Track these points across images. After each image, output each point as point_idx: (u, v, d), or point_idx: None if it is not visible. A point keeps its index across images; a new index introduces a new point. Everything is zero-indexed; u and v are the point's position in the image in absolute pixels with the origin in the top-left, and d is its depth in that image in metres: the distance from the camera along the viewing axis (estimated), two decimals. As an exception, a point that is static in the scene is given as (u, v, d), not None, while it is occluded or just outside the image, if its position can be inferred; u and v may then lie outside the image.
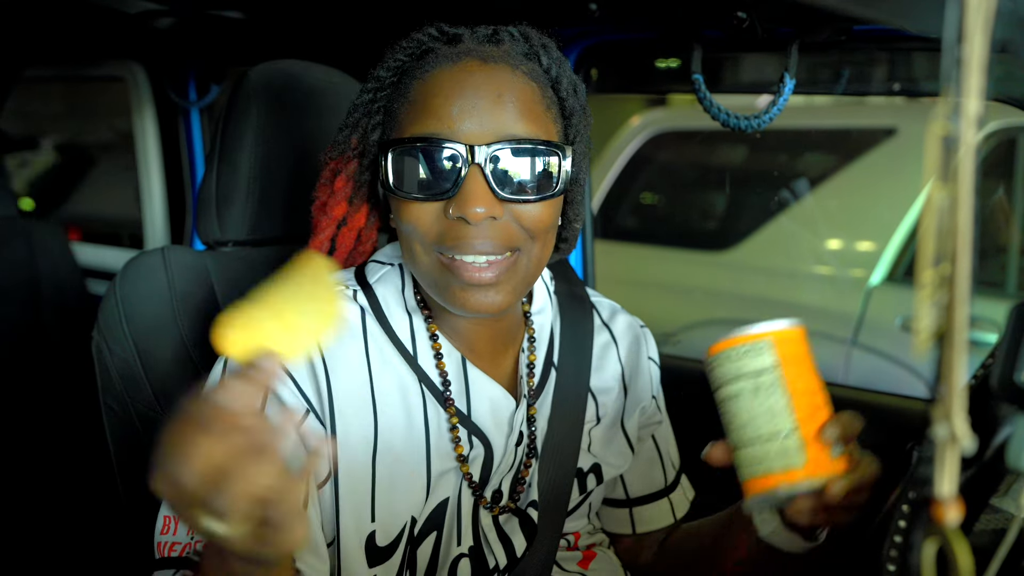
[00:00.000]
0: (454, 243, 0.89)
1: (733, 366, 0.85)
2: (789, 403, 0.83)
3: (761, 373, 0.83)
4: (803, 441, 0.82)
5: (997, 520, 0.75)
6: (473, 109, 0.88)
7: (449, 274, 0.91)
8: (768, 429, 0.83)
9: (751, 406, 0.83)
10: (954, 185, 0.38)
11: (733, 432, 0.86)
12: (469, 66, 0.90)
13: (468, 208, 0.87)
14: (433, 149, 0.88)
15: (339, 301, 0.65)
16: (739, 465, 0.86)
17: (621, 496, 1.20)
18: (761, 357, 0.84)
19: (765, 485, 0.84)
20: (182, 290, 1.18)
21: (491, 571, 1.01)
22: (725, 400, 0.86)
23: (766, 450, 0.83)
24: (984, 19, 0.37)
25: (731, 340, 0.85)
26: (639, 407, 1.16)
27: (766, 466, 0.83)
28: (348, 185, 1.01)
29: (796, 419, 0.83)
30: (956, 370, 0.39)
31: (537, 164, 0.90)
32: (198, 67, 2.34)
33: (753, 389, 0.83)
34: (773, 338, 0.84)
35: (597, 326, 1.15)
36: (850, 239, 3.17)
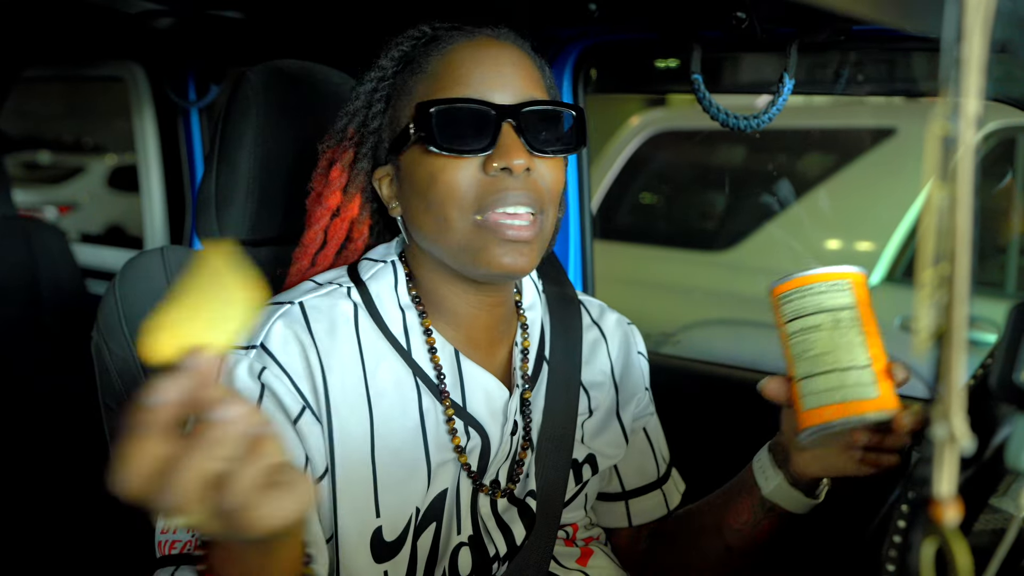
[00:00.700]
0: (497, 196, 0.94)
1: (815, 299, 0.89)
2: (865, 340, 0.88)
3: (842, 309, 0.89)
4: (876, 375, 0.87)
5: (996, 520, 0.75)
6: (498, 76, 0.96)
7: (488, 234, 0.94)
8: (846, 360, 0.88)
9: (831, 338, 0.88)
10: (953, 185, 0.38)
11: (806, 361, 0.90)
12: (485, 42, 0.98)
13: (511, 159, 0.93)
14: (470, 110, 0.94)
15: (249, 285, 0.65)
16: (807, 393, 0.90)
17: (617, 489, 1.22)
18: (843, 295, 0.89)
19: (841, 412, 0.87)
20: (181, 290, 1.18)
21: (491, 559, 1.03)
22: (801, 331, 0.90)
23: (843, 379, 0.87)
24: (983, 19, 0.37)
25: (813, 276, 0.90)
26: (634, 398, 1.20)
27: (843, 394, 0.87)
28: (343, 175, 1.04)
29: (871, 355, 0.88)
30: (955, 370, 0.40)
31: (558, 123, 0.99)
32: (197, 67, 2.34)
33: (833, 323, 0.88)
34: (853, 280, 0.90)
35: (586, 324, 1.18)
36: (849, 239, 3.17)
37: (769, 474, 1.05)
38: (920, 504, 0.44)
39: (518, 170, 0.93)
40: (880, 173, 3.08)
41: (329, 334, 0.97)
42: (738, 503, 1.09)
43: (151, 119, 2.51)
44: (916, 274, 0.40)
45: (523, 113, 0.95)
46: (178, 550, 0.89)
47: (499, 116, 0.94)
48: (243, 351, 0.95)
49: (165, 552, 0.90)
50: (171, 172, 2.55)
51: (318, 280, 1.03)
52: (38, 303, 2.39)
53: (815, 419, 0.89)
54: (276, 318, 0.96)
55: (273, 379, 0.93)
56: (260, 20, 1.71)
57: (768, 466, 1.05)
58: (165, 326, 0.62)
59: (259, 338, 0.95)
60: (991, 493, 0.76)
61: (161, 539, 0.91)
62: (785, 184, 3.33)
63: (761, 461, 1.07)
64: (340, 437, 0.95)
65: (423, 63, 0.99)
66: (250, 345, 0.95)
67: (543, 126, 0.97)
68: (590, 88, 1.69)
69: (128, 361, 1.14)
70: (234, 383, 0.93)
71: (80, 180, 9.17)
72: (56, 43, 2.36)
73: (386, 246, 1.07)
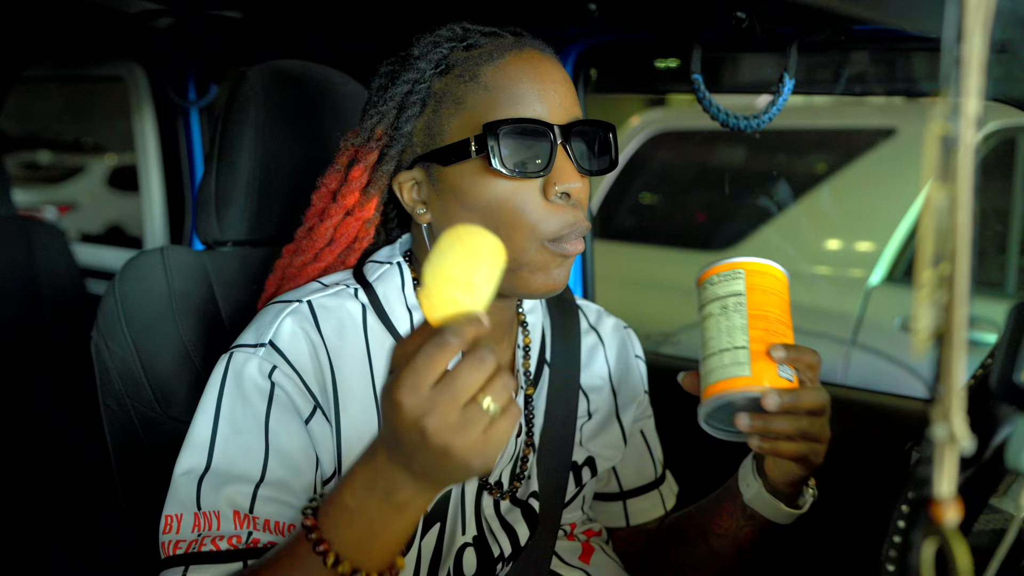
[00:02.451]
0: (570, 229, 0.95)
1: (711, 290, 0.95)
2: (746, 323, 0.91)
3: (729, 297, 0.93)
4: (751, 355, 0.90)
5: (996, 520, 0.75)
6: (552, 93, 0.95)
7: (553, 256, 0.95)
8: (725, 343, 0.91)
9: (717, 324, 0.93)
10: (953, 185, 0.38)
11: (702, 347, 0.94)
12: (535, 55, 0.97)
13: (569, 182, 0.93)
14: (531, 129, 0.93)
15: (495, 240, 0.73)
16: (702, 376, 0.94)
17: (615, 489, 1.23)
18: (734, 283, 0.93)
19: (718, 389, 0.91)
20: (181, 290, 1.18)
21: (495, 560, 1.03)
22: (702, 320, 0.95)
23: (720, 360, 0.91)
24: (984, 19, 0.37)
25: (712, 269, 0.95)
26: (634, 401, 1.21)
27: (716, 374, 0.91)
28: (364, 175, 1.00)
29: (750, 337, 0.91)
30: (955, 370, 0.39)
31: (598, 141, 0.99)
32: (197, 67, 2.34)
33: (721, 310, 0.93)
34: (745, 269, 0.94)
35: (584, 328, 1.20)
36: (849, 239, 3.17)
37: (749, 480, 1.05)
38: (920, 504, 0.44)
39: (576, 193, 0.94)
40: (880, 173, 3.08)
41: (337, 333, 0.97)
42: (722, 509, 1.10)
43: (151, 119, 2.51)
44: (916, 274, 0.40)
45: (572, 133, 0.95)
46: (183, 550, 0.89)
47: (555, 137, 0.93)
48: (251, 348, 0.94)
49: (170, 552, 0.89)
50: (171, 172, 2.55)
51: (324, 281, 1.02)
52: (38, 303, 2.39)
53: (704, 397, 0.92)
54: (285, 315, 0.95)
55: (284, 378, 0.92)
56: (260, 20, 1.71)
57: (749, 473, 1.06)
58: (434, 291, 0.71)
59: (268, 335, 0.94)
60: (991, 493, 0.76)
61: (164, 540, 0.90)
62: (784, 184, 3.33)
63: (745, 468, 1.07)
64: (348, 437, 0.94)
65: (475, 72, 0.95)
66: (259, 343, 0.94)
67: (587, 145, 0.97)
68: (590, 88, 1.69)
69: (128, 361, 1.14)
70: (244, 382, 0.93)
71: (80, 180, 9.16)
72: (56, 43, 2.36)
73: (390, 248, 1.07)
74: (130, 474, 1.18)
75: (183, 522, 0.90)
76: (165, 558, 0.90)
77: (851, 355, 2.76)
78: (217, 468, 0.90)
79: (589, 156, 0.98)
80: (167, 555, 0.90)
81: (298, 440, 0.92)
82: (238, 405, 0.92)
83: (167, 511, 0.91)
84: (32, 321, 2.37)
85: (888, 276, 2.88)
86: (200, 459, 0.91)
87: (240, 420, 0.92)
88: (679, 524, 1.21)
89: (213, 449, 0.91)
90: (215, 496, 0.89)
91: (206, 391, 0.95)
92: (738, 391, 0.89)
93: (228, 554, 0.88)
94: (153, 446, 1.15)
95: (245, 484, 0.90)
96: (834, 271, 3.15)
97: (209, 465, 0.91)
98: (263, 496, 0.89)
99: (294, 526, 0.90)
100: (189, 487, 0.90)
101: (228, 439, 0.91)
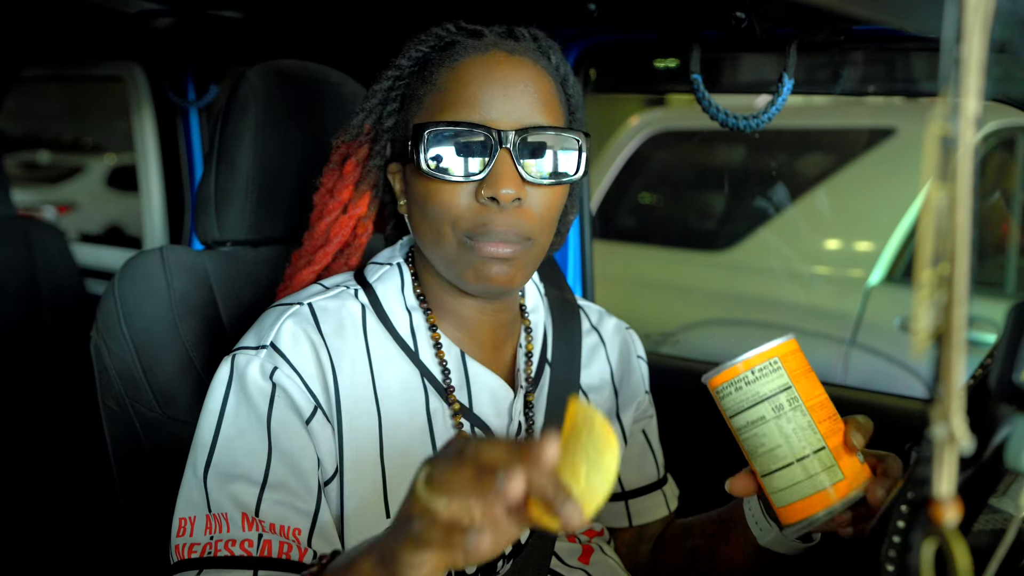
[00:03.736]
0: (482, 228, 0.93)
1: (749, 390, 0.84)
2: (811, 420, 0.83)
3: (777, 393, 0.83)
4: (834, 456, 0.82)
5: (996, 520, 0.75)
6: (504, 97, 0.93)
7: (471, 253, 0.94)
8: (800, 450, 0.82)
9: (778, 427, 0.83)
10: (953, 185, 0.38)
11: (762, 458, 0.85)
12: (497, 57, 0.95)
13: (499, 188, 0.91)
14: (467, 133, 0.92)
15: (616, 449, 0.63)
16: (774, 491, 0.85)
17: (617, 489, 1.23)
18: (774, 377, 0.83)
19: (814, 506, 0.83)
20: (181, 290, 1.18)
21: (496, 557, 1.03)
22: (746, 427, 0.85)
23: (803, 470, 0.82)
24: (983, 19, 0.37)
25: (739, 365, 0.84)
26: (635, 401, 1.21)
27: (808, 486, 0.82)
28: (356, 170, 1.04)
29: (821, 435, 0.82)
30: (955, 370, 0.39)
31: (559, 150, 0.96)
32: (197, 67, 2.34)
33: (774, 411, 0.83)
34: (779, 355, 0.84)
35: (586, 329, 1.20)
36: (849, 239, 3.17)
37: (763, 526, 1.01)
38: (920, 504, 0.44)
39: (505, 200, 0.91)
40: (880, 173, 3.08)
41: (338, 334, 0.97)
42: (730, 542, 1.07)
43: (150, 119, 2.51)
44: (915, 274, 0.40)
45: (521, 140, 0.93)
46: (198, 554, 0.89)
47: (497, 143, 0.92)
48: (253, 351, 0.95)
49: (184, 556, 0.89)
50: (170, 172, 2.55)
51: (325, 284, 1.04)
52: (37, 303, 2.39)
53: (793, 516, 0.85)
54: (286, 318, 0.96)
55: (285, 379, 0.93)
56: (260, 20, 1.71)
57: (761, 518, 1.02)
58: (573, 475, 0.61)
59: (269, 337, 0.95)
60: (991, 493, 0.76)
61: (178, 543, 0.90)
62: (783, 185, 3.33)
63: (752, 512, 1.03)
64: (350, 438, 0.95)
65: (434, 73, 0.97)
66: (260, 345, 0.95)
67: (542, 153, 0.94)
68: (590, 88, 1.69)
69: (127, 361, 1.14)
70: (246, 384, 0.93)
71: (79, 180, 9.15)
72: (56, 43, 2.36)
73: (391, 249, 1.08)
74: (130, 474, 1.18)
75: (196, 524, 0.90)
76: (177, 561, 0.90)
77: (850, 355, 2.76)
78: (222, 468, 0.91)
79: (542, 165, 0.94)
80: (180, 558, 0.90)
81: (299, 440, 0.92)
82: (242, 406, 0.93)
83: (180, 513, 0.92)
84: (31, 321, 2.37)
85: (887, 276, 2.88)
86: (206, 459, 0.92)
87: (244, 421, 0.92)
88: (684, 540, 1.19)
89: (217, 449, 0.92)
90: (220, 495, 0.90)
91: (210, 393, 0.95)
92: (844, 500, 0.83)
93: (241, 560, 0.88)
94: (153, 446, 1.15)
95: (250, 484, 0.90)
96: (833, 271, 3.15)
97: (215, 464, 0.92)
98: (268, 499, 0.90)
99: (299, 530, 0.90)
100: (198, 488, 0.91)
101: (232, 440, 0.92)
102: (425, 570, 0.65)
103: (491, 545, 0.60)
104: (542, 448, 0.57)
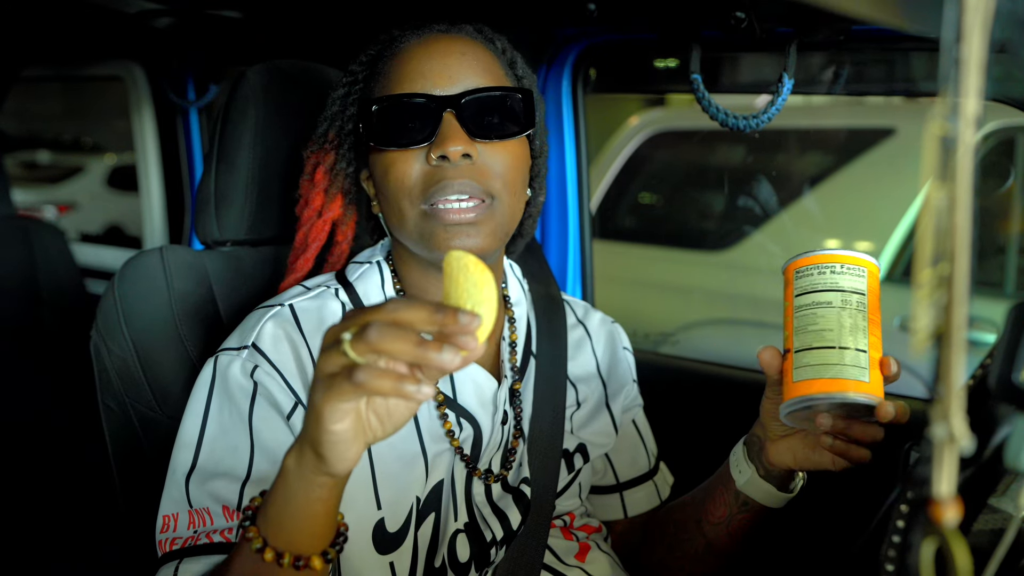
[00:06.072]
0: (437, 186, 0.95)
1: (832, 278, 0.91)
2: (867, 327, 0.90)
3: (852, 292, 0.91)
4: (871, 362, 0.89)
5: (995, 520, 0.75)
6: (443, 68, 0.98)
7: (434, 221, 0.97)
8: (848, 340, 0.89)
9: (839, 316, 0.90)
10: (952, 185, 0.38)
11: (808, 334, 0.91)
12: (434, 36, 1.02)
13: (447, 146, 0.94)
14: (410, 101, 0.97)
15: (491, 278, 0.72)
16: (802, 365, 0.91)
17: (612, 481, 1.26)
18: (858, 279, 0.91)
19: (830, 387, 0.88)
20: (180, 290, 1.18)
21: (488, 544, 1.05)
22: (811, 305, 0.91)
23: (841, 356, 0.89)
24: (983, 19, 0.37)
25: (835, 256, 0.92)
26: (623, 390, 1.24)
27: (837, 370, 0.88)
28: (325, 177, 1.08)
29: (870, 342, 0.89)
30: (954, 370, 0.39)
31: (503, 107, 0.99)
32: (197, 67, 2.34)
33: (843, 302, 0.90)
34: (869, 269, 0.92)
35: (571, 322, 1.23)
36: (849, 239, 3.17)
37: (743, 467, 1.07)
38: (920, 504, 0.44)
39: (454, 156, 0.94)
40: (880, 173, 3.08)
41: (318, 333, 0.99)
42: (715, 498, 1.12)
43: (150, 119, 2.51)
44: (915, 274, 0.40)
45: (465, 102, 0.96)
46: (179, 546, 0.91)
47: (439, 107, 0.96)
48: (235, 351, 0.97)
49: (167, 550, 0.92)
50: (170, 172, 2.55)
51: (307, 285, 1.06)
52: (37, 303, 2.39)
53: (803, 390, 0.90)
54: (267, 319, 0.99)
55: (265, 376, 0.95)
56: (259, 20, 1.71)
57: (742, 459, 1.08)
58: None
59: (250, 338, 0.97)
60: (990, 493, 0.76)
61: (161, 538, 0.93)
62: (783, 185, 3.33)
63: (736, 455, 1.09)
64: None
65: (382, 67, 1.02)
66: (242, 346, 0.97)
67: (488, 112, 0.98)
68: (589, 88, 1.69)
69: (127, 360, 1.14)
70: (229, 383, 0.95)
71: (79, 180, 9.15)
72: (56, 42, 2.36)
73: (371, 249, 1.11)
74: (129, 474, 1.18)
75: (179, 520, 0.92)
76: (162, 555, 0.92)
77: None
78: (205, 466, 0.94)
79: (489, 122, 0.98)
80: (163, 552, 0.92)
81: (281, 436, 0.94)
82: (224, 405, 0.95)
83: (164, 511, 0.94)
84: (31, 321, 2.37)
85: (887, 276, 2.88)
86: (189, 458, 0.94)
87: (227, 419, 0.95)
88: (672, 515, 1.23)
89: (202, 448, 0.94)
90: (200, 492, 0.92)
91: (194, 393, 0.98)
92: (857, 395, 0.88)
93: (220, 546, 0.90)
94: (152, 446, 1.15)
95: (231, 481, 0.93)
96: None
97: (197, 463, 0.94)
98: (249, 494, 0.92)
99: None
100: (180, 486, 0.93)
101: (216, 438, 0.94)
102: (347, 424, 0.68)
103: (393, 385, 0.64)
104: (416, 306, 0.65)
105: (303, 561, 0.77)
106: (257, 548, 0.76)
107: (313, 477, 0.73)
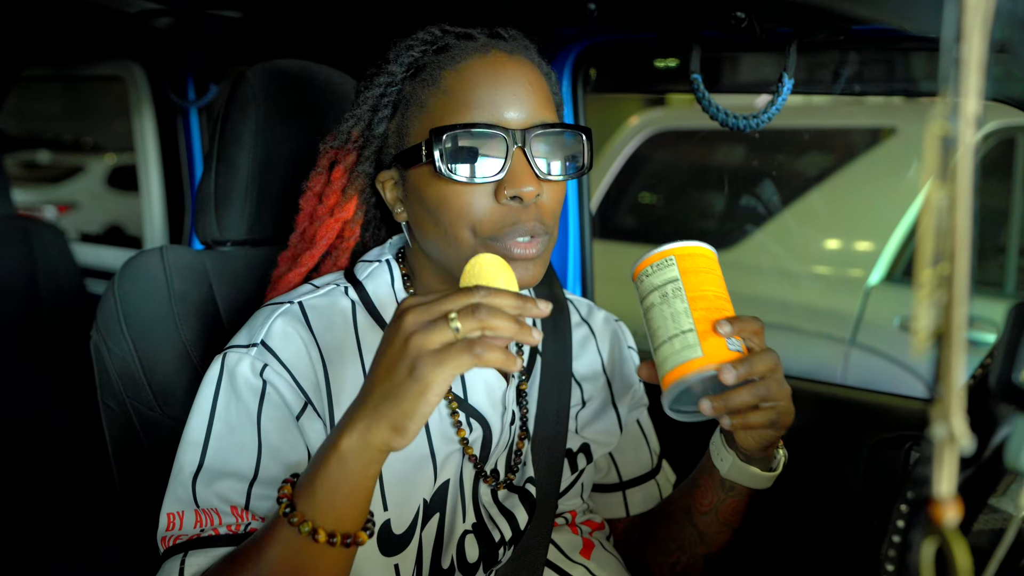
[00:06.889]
0: (512, 228, 0.95)
1: (648, 282, 0.96)
2: (688, 306, 0.93)
3: (667, 284, 0.95)
4: (699, 335, 0.91)
5: (996, 520, 0.75)
6: (513, 98, 0.95)
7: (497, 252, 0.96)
8: (672, 330, 0.93)
9: (660, 313, 0.94)
10: (953, 185, 0.38)
11: (650, 338, 0.95)
12: (499, 58, 0.97)
13: (521, 187, 0.93)
14: (483, 134, 0.94)
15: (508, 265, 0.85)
16: (657, 365, 0.95)
17: (615, 480, 1.26)
18: (667, 271, 0.95)
19: (671, 378, 0.92)
20: (181, 290, 1.18)
21: (497, 544, 1.05)
22: (645, 311, 0.96)
23: (671, 347, 0.92)
24: (983, 19, 0.37)
25: (644, 261, 0.97)
26: (630, 390, 1.24)
27: (671, 361, 0.92)
28: (344, 176, 1.05)
29: (694, 318, 0.92)
30: (955, 370, 0.39)
31: (568, 146, 0.99)
32: (197, 66, 2.34)
33: (661, 299, 0.94)
34: (675, 254, 0.96)
35: (576, 321, 1.23)
36: (849, 239, 3.17)
37: (723, 455, 1.07)
38: (919, 504, 0.44)
39: (529, 198, 0.94)
40: (880, 173, 3.08)
41: (328, 331, 0.99)
42: (701, 487, 1.12)
43: (150, 119, 2.51)
44: (915, 274, 0.40)
45: (533, 137, 0.95)
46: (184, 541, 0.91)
47: (511, 142, 0.94)
48: (244, 349, 0.96)
49: (170, 544, 0.92)
50: (170, 172, 2.55)
51: (316, 283, 1.05)
52: (38, 303, 2.39)
53: (665, 384, 0.93)
54: (276, 317, 0.98)
55: (275, 376, 0.94)
56: (260, 20, 1.71)
57: (721, 448, 1.07)
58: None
59: (259, 336, 0.96)
60: (991, 493, 0.76)
61: (165, 536, 0.92)
62: (783, 185, 3.33)
63: (715, 444, 1.09)
64: None
65: (436, 76, 0.97)
66: (250, 343, 0.96)
67: (552, 150, 0.97)
68: (589, 88, 1.69)
69: (127, 360, 1.14)
70: (237, 381, 0.94)
71: (79, 180, 9.16)
72: (56, 42, 2.36)
73: (379, 248, 1.09)
74: (129, 474, 1.18)
75: (185, 519, 0.92)
76: (164, 551, 0.92)
77: (850, 355, 2.76)
78: (212, 466, 0.93)
79: (553, 161, 0.97)
80: (165, 547, 0.92)
81: (289, 436, 0.94)
82: (232, 403, 0.94)
83: (168, 509, 0.93)
84: (32, 321, 2.37)
85: (887, 276, 2.88)
86: (196, 457, 0.93)
87: (234, 418, 0.94)
88: (664, 507, 1.23)
89: (208, 447, 0.93)
90: (207, 492, 0.92)
91: (201, 391, 0.97)
92: (695, 373, 0.90)
93: (226, 538, 0.90)
94: (152, 446, 1.15)
95: (239, 480, 0.92)
96: (833, 271, 3.15)
97: (204, 463, 0.93)
98: (257, 494, 0.92)
99: None
100: (186, 485, 0.93)
101: (223, 437, 0.94)
102: (442, 395, 0.73)
103: (502, 355, 0.72)
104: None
105: (351, 539, 0.80)
106: (309, 531, 0.78)
107: (378, 455, 0.76)
